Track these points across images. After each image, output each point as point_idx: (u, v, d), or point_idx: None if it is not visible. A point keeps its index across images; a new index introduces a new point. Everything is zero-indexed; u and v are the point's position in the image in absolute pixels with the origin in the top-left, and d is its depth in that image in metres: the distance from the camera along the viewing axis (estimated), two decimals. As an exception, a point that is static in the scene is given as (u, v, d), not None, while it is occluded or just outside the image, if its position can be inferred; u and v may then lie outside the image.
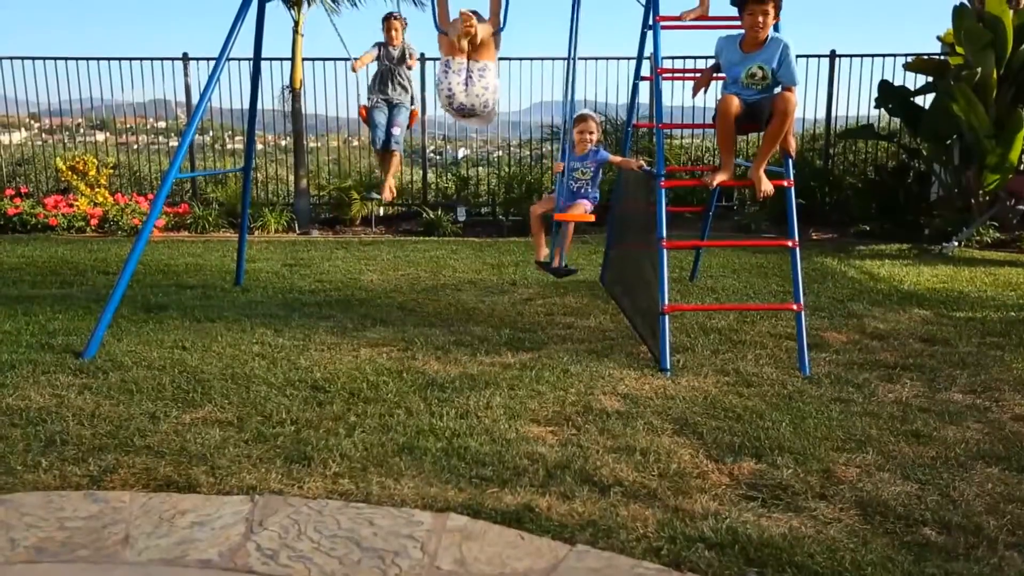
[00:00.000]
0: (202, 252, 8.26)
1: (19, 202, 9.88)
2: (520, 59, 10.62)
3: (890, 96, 9.42)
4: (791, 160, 4.77)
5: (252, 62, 6.18)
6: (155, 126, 13.13)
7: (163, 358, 4.46)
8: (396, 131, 6.18)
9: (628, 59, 10.30)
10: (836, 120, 10.82)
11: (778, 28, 4.65)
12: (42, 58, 10.78)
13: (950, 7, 8.91)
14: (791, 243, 4.64)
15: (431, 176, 11.38)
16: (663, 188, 4.66)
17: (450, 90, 5.14)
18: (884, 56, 10.37)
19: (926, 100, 9.43)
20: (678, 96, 11.75)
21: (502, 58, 5.37)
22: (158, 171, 11.66)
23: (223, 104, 12.93)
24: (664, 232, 4.61)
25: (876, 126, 10.66)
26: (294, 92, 10.13)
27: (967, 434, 3.48)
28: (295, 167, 10.33)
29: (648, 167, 5.32)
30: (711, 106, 5.82)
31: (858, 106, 10.90)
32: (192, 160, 11.29)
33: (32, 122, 12.98)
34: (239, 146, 12.35)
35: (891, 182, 9.78)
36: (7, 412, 3.61)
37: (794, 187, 4.75)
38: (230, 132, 13.59)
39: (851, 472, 3.12)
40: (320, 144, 12.55)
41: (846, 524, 2.74)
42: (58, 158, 10.66)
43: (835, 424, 3.57)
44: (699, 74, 5.54)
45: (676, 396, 3.93)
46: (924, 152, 9.86)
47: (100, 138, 12.86)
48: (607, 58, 10.73)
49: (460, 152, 12.89)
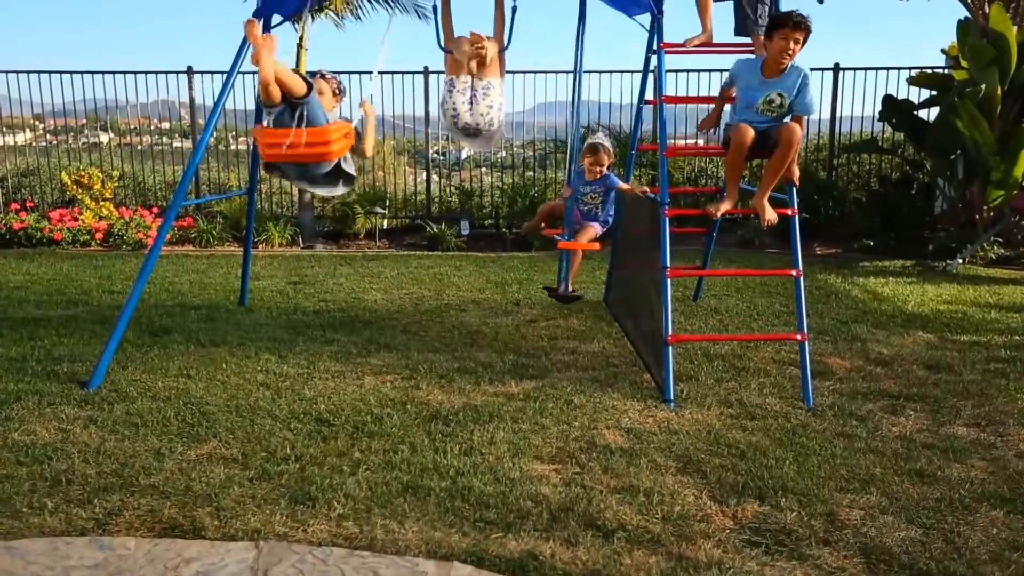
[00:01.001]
0: (206, 268, 8.28)
1: (24, 216, 9.91)
2: (524, 72, 10.66)
3: (894, 110, 9.41)
4: (795, 188, 4.77)
5: (256, 84, 6.18)
6: (159, 127, 13.15)
7: (168, 388, 4.47)
8: None
9: (634, 72, 10.32)
10: (840, 133, 10.83)
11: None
12: (47, 72, 10.81)
13: (955, 20, 8.93)
14: (795, 272, 4.64)
15: (434, 186, 11.40)
16: (667, 216, 4.67)
17: (455, 109, 5.11)
18: (888, 69, 10.37)
19: (930, 114, 9.43)
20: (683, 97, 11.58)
21: (508, 71, 5.33)
22: (162, 182, 11.71)
23: (225, 105, 12.83)
24: (668, 261, 4.61)
25: (880, 138, 10.66)
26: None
27: (972, 473, 3.48)
28: (299, 180, 10.33)
29: (652, 193, 5.32)
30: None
31: (862, 119, 10.90)
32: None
33: (37, 123, 13.00)
34: (243, 147, 12.29)
35: (895, 195, 9.77)
36: (13, 449, 3.63)
37: (798, 199, 4.76)
38: (233, 133, 13.57)
39: (855, 515, 3.12)
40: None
41: (850, 574, 2.74)
42: (63, 172, 10.68)
43: (839, 462, 3.57)
44: (701, 98, 5.54)
45: (680, 431, 3.93)
46: (928, 166, 9.85)
47: (104, 139, 12.88)
48: (611, 71, 10.75)
49: (464, 152, 12.86)
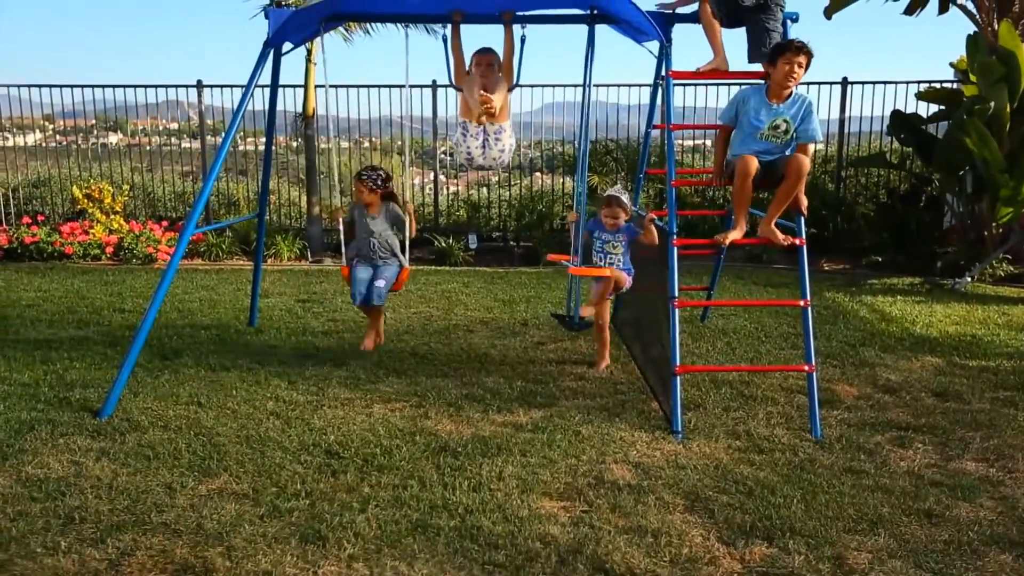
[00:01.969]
0: (216, 284, 8.32)
1: (36, 230, 9.98)
2: (532, 86, 10.69)
3: (902, 125, 9.41)
4: (803, 218, 4.77)
5: (266, 113, 6.25)
6: (167, 127, 13.21)
7: (179, 416, 4.51)
8: (380, 284, 5.55)
9: (643, 86, 10.33)
10: (848, 147, 10.82)
11: None
12: (59, 86, 10.91)
13: (963, 35, 8.92)
14: (803, 303, 4.64)
15: (441, 198, 11.43)
16: (675, 246, 4.68)
17: (469, 153, 5.37)
18: (896, 83, 10.37)
19: (938, 128, 9.41)
20: (689, 98, 11.57)
21: (518, 85, 5.43)
22: (172, 193, 11.77)
23: (235, 107, 12.77)
24: (676, 291, 4.63)
25: (888, 151, 10.65)
26: (307, 120, 10.20)
27: (980, 514, 3.48)
28: (307, 194, 10.40)
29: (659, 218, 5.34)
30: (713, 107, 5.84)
31: (870, 134, 10.89)
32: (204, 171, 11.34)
33: (47, 123, 13.08)
34: (250, 148, 12.32)
35: (903, 209, 9.75)
36: (27, 483, 3.66)
37: (806, 216, 4.77)
38: (241, 133, 13.58)
39: (863, 558, 3.13)
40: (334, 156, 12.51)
41: (858, 623, 2.75)
42: (75, 186, 10.76)
43: (847, 501, 3.58)
44: (709, 125, 5.55)
45: (687, 465, 3.94)
46: (936, 181, 9.83)
47: (113, 140, 12.94)
48: (619, 85, 10.78)
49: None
